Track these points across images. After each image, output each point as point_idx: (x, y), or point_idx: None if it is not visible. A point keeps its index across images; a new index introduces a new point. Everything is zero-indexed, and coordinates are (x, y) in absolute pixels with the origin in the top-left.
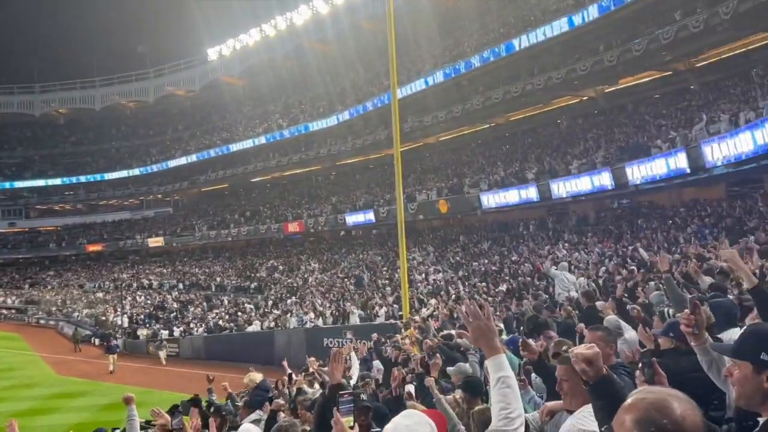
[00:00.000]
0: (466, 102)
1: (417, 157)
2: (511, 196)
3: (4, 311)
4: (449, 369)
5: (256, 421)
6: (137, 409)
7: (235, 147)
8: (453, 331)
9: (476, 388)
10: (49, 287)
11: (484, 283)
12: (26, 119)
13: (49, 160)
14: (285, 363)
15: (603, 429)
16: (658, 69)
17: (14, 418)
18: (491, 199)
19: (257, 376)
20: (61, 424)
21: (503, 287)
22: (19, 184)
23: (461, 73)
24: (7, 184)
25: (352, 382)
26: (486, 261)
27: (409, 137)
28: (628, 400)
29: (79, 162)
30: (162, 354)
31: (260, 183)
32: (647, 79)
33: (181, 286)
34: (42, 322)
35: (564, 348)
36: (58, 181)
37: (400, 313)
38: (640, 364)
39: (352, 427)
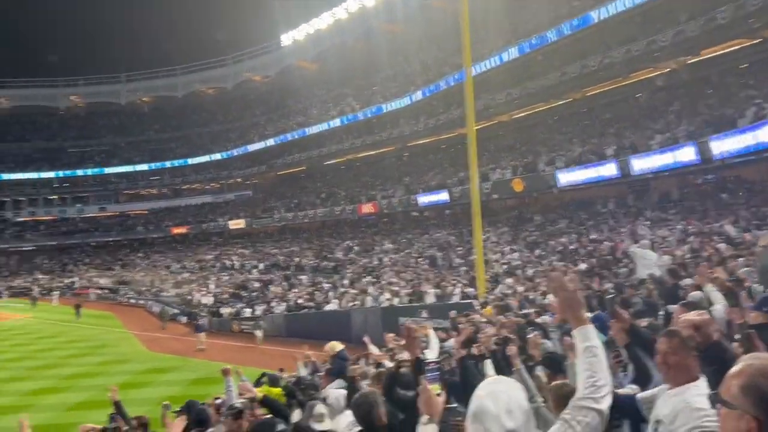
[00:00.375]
0: (540, 78)
1: (491, 135)
2: (589, 173)
3: (98, 291)
4: None
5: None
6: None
7: (310, 130)
8: (532, 310)
9: (557, 365)
10: (139, 268)
11: (561, 262)
12: (113, 108)
13: (136, 146)
14: (367, 339)
15: (710, 394)
16: (745, 37)
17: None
18: (568, 177)
19: (337, 345)
20: (154, 397)
21: (582, 266)
22: (109, 170)
23: (536, 48)
24: (97, 171)
25: (431, 356)
26: (563, 240)
27: (483, 115)
28: (737, 366)
29: (164, 148)
30: (259, 333)
31: (335, 165)
32: (733, 48)
33: (261, 266)
34: (132, 301)
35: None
36: (144, 167)
37: (475, 292)
38: (737, 336)
39: (439, 394)
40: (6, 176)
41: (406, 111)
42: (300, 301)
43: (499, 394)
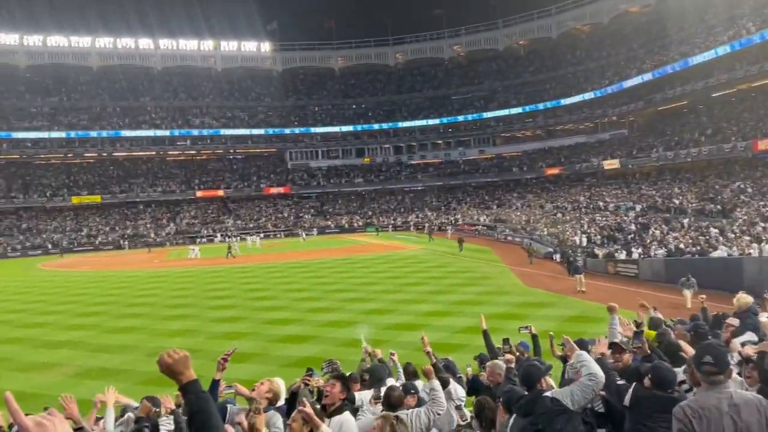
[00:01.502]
0: None
1: None
2: None
3: (478, 228)
4: None
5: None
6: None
7: (694, 60)
8: None
9: None
10: (514, 207)
11: None
12: (491, 54)
13: (512, 90)
14: None
15: None
16: None
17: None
18: None
19: (748, 299)
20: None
21: None
22: (487, 114)
23: None
24: (476, 116)
25: None
26: None
27: None
28: None
29: (538, 90)
30: (688, 293)
31: (723, 97)
32: None
33: (637, 208)
34: (509, 238)
35: None
36: (518, 110)
37: None
38: None
39: None
40: (402, 124)
41: None
42: (681, 245)
43: None
